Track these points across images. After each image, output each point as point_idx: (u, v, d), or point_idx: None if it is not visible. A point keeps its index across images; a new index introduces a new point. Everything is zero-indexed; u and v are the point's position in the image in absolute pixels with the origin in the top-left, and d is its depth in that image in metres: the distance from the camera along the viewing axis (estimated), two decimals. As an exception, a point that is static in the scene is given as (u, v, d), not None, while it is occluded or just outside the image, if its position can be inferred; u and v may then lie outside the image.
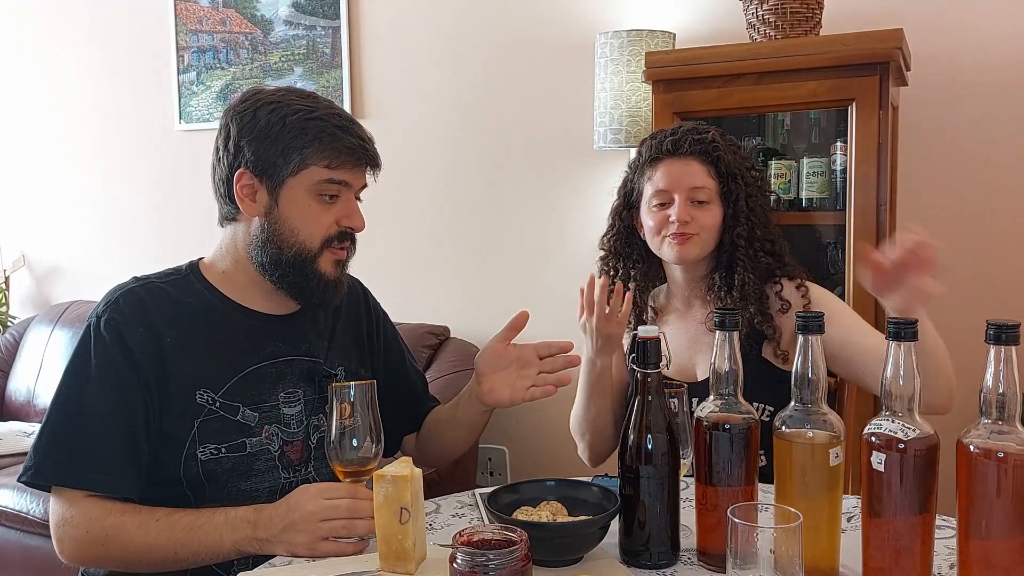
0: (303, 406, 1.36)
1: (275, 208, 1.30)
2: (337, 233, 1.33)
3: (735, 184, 1.56)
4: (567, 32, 2.62)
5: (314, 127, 1.28)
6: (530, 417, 2.75)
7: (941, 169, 2.21)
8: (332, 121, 1.29)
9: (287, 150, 1.27)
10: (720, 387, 1.10)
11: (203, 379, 1.29)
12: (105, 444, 1.23)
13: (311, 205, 1.30)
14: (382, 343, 1.54)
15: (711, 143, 1.56)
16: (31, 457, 1.25)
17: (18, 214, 3.66)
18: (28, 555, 2.44)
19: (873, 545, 0.99)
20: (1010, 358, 0.89)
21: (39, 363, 3.12)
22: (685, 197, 1.54)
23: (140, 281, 1.34)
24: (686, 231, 1.54)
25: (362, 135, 1.33)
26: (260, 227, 1.31)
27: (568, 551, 1.11)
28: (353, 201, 1.35)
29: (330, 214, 1.32)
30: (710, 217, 1.55)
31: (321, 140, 1.28)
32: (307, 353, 1.39)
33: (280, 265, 1.31)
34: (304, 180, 1.29)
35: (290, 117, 1.28)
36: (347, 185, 1.32)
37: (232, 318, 1.35)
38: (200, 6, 3.17)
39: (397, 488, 1.07)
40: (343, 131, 1.29)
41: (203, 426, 1.27)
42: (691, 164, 1.55)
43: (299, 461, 1.35)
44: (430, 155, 2.85)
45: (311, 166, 1.28)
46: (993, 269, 2.17)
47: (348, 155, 1.30)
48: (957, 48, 2.17)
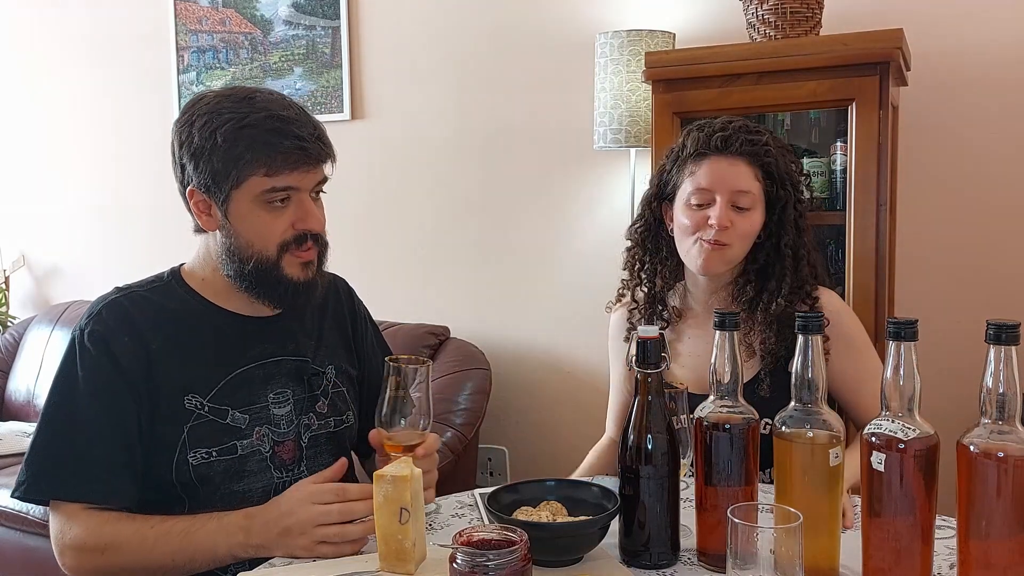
0: (292, 406, 1.35)
1: (228, 222, 1.28)
2: (293, 237, 1.28)
3: (783, 191, 1.46)
4: (567, 32, 2.62)
5: (246, 136, 1.22)
6: (530, 417, 2.75)
7: (941, 169, 2.21)
8: (264, 125, 1.23)
9: (224, 165, 1.23)
10: (720, 387, 1.10)
11: (191, 384, 1.28)
12: (98, 453, 1.22)
13: (260, 215, 1.26)
14: (366, 344, 1.53)
15: (764, 145, 1.46)
16: (23, 472, 1.24)
17: (18, 214, 3.66)
18: (28, 555, 2.44)
19: (873, 545, 0.99)
20: (1010, 358, 0.89)
21: (39, 363, 3.12)
22: (727, 200, 1.44)
23: (122, 291, 1.33)
24: (721, 239, 1.44)
25: (300, 134, 1.24)
26: (221, 241, 1.30)
27: (568, 551, 1.11)
28: (307, 202, 1.28)
29: (283, 219, 1.27)
30: (749, 224, 1.46)
31: (254, 149, 1.22)
32: (295, 353, 1.38)
33: (245, 276, 1.30)
34: (247, 192, 1.25)
35: (220, 129, 1.23)
36: (294, 189, 1.26)
37: (217, 322, 1.34)
38: (200, 6, 3.17)
39: (397, 488, 1.07)
40: (277, 134, 1.22)
41: (193, 431, 1.27)
42: (738, 165, 1.45)
43: (291, 461, 1.35)
44: (430, 155, 2.85)
45: (250, 177, 1.23)
46: (993, 269, 2.17)
47: (284, 159, 1.23)
48: (957, 48, 2.17)
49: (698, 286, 1.56)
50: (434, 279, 2.87)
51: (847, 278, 1.90)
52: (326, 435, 1.39)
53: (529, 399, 2.74)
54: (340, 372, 1.43)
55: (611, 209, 2.55)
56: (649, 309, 1.59)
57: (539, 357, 2.73)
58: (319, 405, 1.39)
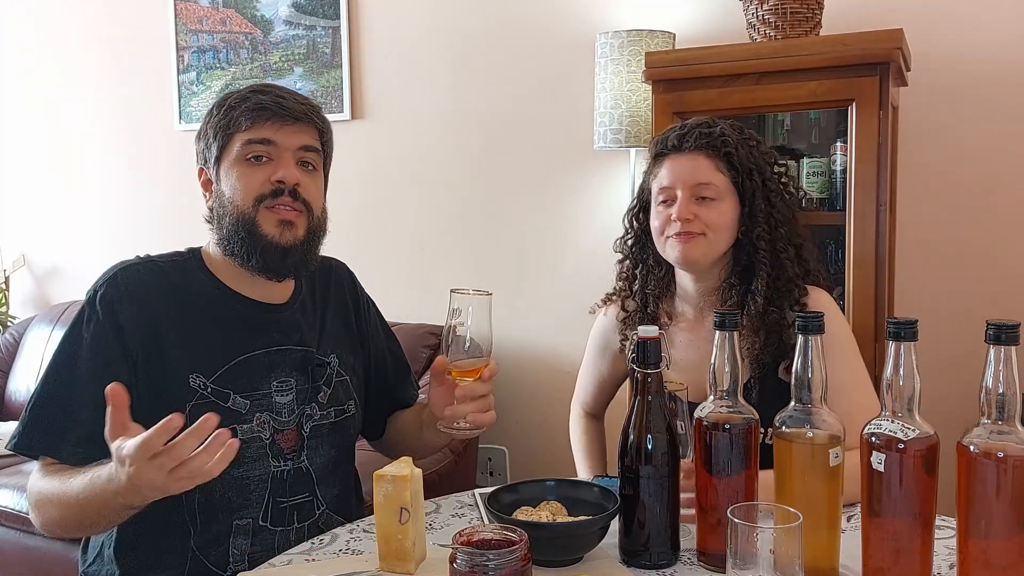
0: (295, 395, 1.36)
1: (219, 187, 1.34)
2: (271, 191, 1.30)
3: (751, 180, 1.45)
4: (567, 32, 2.62)
5: (231, 101, 1.32)
6: (530, 417, 2.75)
7: (941, 169, 2.21)
8: (251, 88, 1.34)
9: (214, 129, 1.33)
10: (720, 387, 1.10)
11: (196, 364, 1.29)
12: (85, 418, 1.23)
13: (241, 170, 1.32)
14: (369, 327, 1.54)
15: (719, 136, 1.45)
16: (19, 425, 1.27)
17: (18, 214, 3.66)
18: (28, 555, 2.44)
19: (873, 545, 0.99)
20: (1010, 358, 0.89)
21: (39, 363, 3.11)
22: (689, 194, 1.44)
23: (142, 260, 1.36)
24: (690, 230, 1.43)
25: (282, 94, 1.33)
26: (212, 208, 1.36)
27: (568, 551, 1.11)
28: (286, 158, 1.32)
29: (261, 173, 1.31)
30: (717, 215, 1.44)
31: (236, 108, 1.31)
32: (300, 343, 1.39)
33: (227, 237, 1.33)
34: (231, 151, 1.32)
35: (216, 105, 1.35)
36: (272, 143, 1.31)
37: (228, 305, 1.35)
38: (200, 6, 3.17)
39: (397, 488, 1.07)
40: (260, 94, 1.32)
41: (194, 411, 1.26)
42: (696, 159, 1.45)
43: (290, 450, 1.35)
44: (430, 155, 2.85)
45: (234, 135, 1.32)
46: (993, 269, 2.17)
47: (261, 111, 1.30)
48: (957, 48, 2.17)
49: (687, 291, 1.53)
50: (434, 279, 2.87)
51: (847, 278, 1.90)
52: (328, 425, 1.40)
53: (529, 399, 2.74)
54: (343, 361, 1.44)
55: (611, 209, 2.55)
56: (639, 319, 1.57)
57: (539, 357, 2.73)
58: (321, 395, 1.40)
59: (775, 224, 1.46)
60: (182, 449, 0.99)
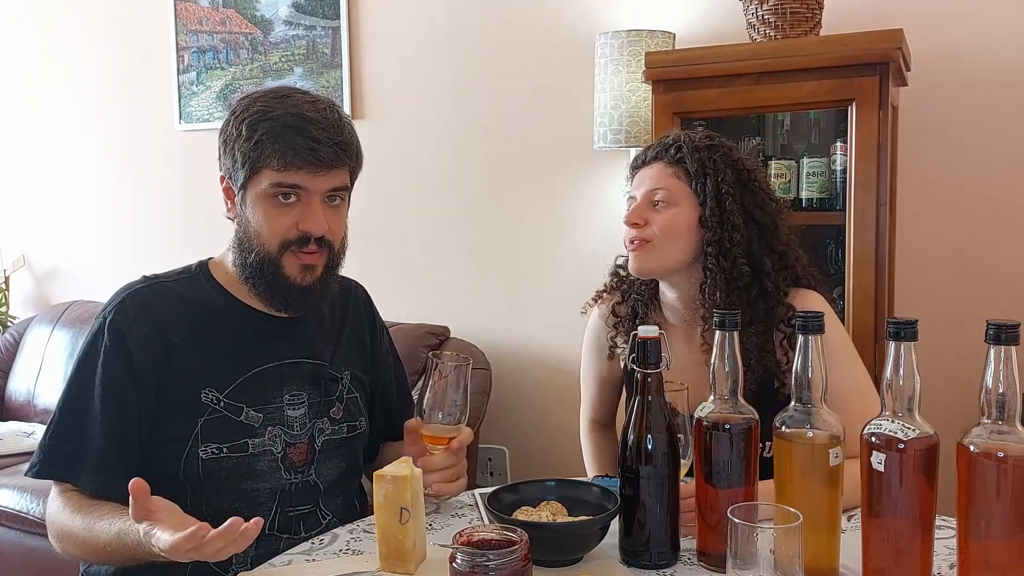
0: (307, 409, 1.36)
1: (243, 212, 1.31)
2: (297, 237, 1.28)
3: (706, 184, 1.43)
4: (567, 32, 2.61)
5: (264, 129, 1.25)
6: (530, 417, 2.75)
7: (941, 169, 2.21)
8: (284, 121, 1.25)
9: (244, 154, 1.27)
10: (720, 387, 1.10)
11: (209, 378, 1.29)
12: (97, 447, 1.24)
13: (268, 208, 1.28)
14: (381, 351, 1.54)
15: (674, 143, 1.47)
16: (38, 451, 1.27)
17: (18, 214, 3.66)
18: (28, 555, 2.44)
19: (873, 545, 0.99)
20: (1010, 358, 0.89)
21: (39, 363, 3.12)
22: (644, 201, 1.46)
23: (149, 280, 1.35)
24: (642, 236, 1.44)
25: (316, 136, 1.25)
26: (235, 230, 1.34)
27: (568, 551, 1.11)
28: (315, 204, 1.28)
29: (288, 217, 1.28)
30: (665, 219, 1.43)
31: (267, 143, 1.25)
32: (312, 356, 1.39)
33: (247, 267, 1.32)
34: (259, 183, 1.27)
35: (246, 121, 1.26)
36: (302, 188, 1.27)
37: (240, 318, 1.35)
38: (200, 6, 3.17)
39: (397, 488, 1.07)
40: (294, 131, 1.24)
41: (206, 425, 1.28)
42: (654, 168, 1.48)
43: (301, 463, 1.35)
44: (430, 155, 2.85)
45: (263, 169, 1.26)
46: (993, 269, 2.17)
47: (294, 156, 1.24)
48: (957, 48, 2.17)
49: (669, 304, 1.53)
50: (434, 279, 2.87)
51: (847, 278, 1.90)
52: (339, 440, 1.40)
53: (529, 399, 2.74)
54: (354, 378, 1.44)
55: (611, 209, 2.55)
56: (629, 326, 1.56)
57: (539, 357, 2.73)
58: (334, 411, 1.39)
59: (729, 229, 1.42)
60: (209, 550, 1.01)
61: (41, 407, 3.05)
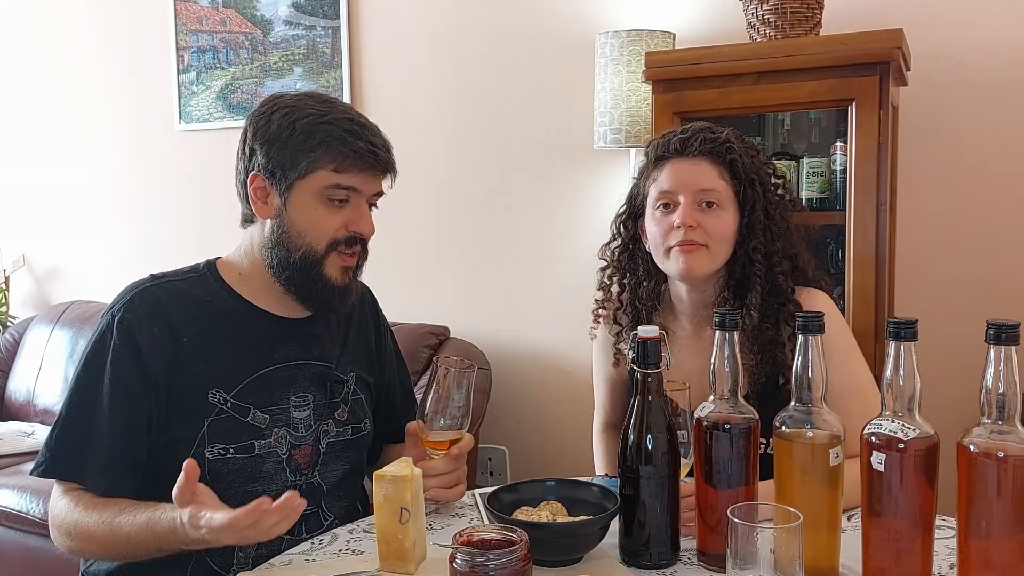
0: (312, 410, 1.36)
1: (285, 211, 1.31)
2: (345, 238, 1.32)
3: (752, 190, 1.40)
4: (567, 32, 2.61)
5: (323, 131, 1.28)
6: (530, 417, 2.75)
7: (941, 169, 2.21)
8: (342, 125, 1.29)
9: (296, 153, 1.28)
10: (720, 387, 1.10)
11: (217, 379, 1.29)
12: (105, 445, 1.24)
13: (319, 208, 1.30)
14: (386, 354, 1.54)
15: (724, 143, 1.40)
16: (44, 449, 1.27)
17: (18, 214, 3.66)
18: (28, 555, 2.44)
19: (873, 545, 0.99)
20: (1010, 358, 0.89)
21: (39, 363, 3.12)
22: (692, 200, 1.38)
23: (157, 279, 1.35)
24: (693, 239, 1.37)
25: (374, 141, 1.31)
26: (272, 229, 1.32)
27: (568, 551, 1.11)
28: (363, 207, 1.33)
29: (338, 218, 1.31)
30: (720, 224, 1.39)
31: (329, 144, 1.27)
32: (319, 358, 1.39)
33: (288, 267, 1.32)
34: (312, 183, 1.29)
35: (300, 121, 1.28)
36: (356, 191, 1.31)
37: (248, 319, 1.35)
38: (200, 6, 3.17)
39: (397, 488, 1.07)
40: (353, 135, 1.28)
41: (213, 425, 1.28)
42: (700, 164, 1.40)
43: (306, 465, 1.35)
44: (430, 155, 2.85)
45: (319, 169, 1.28)
46: (993, 269, 2.17)
47: (355, 159, 1.28)
48: (957, 48, 2.17)
49: (683, 303, 1.49)
50: (434, 279, 2.87)
51: (847, 278, 1.90)
52: (344, 442, 1.40)
53: (529, 399, 2.74)
54: (360, 380, 1.44)
55: (611, 209, 2.52)
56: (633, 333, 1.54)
57: (539, 357, 2.73)
58: (339, 412, 1.40)
59: (772, 237, 1.41)
60: (265, 525, 1.03)
61: (41, 407, 3.05)
